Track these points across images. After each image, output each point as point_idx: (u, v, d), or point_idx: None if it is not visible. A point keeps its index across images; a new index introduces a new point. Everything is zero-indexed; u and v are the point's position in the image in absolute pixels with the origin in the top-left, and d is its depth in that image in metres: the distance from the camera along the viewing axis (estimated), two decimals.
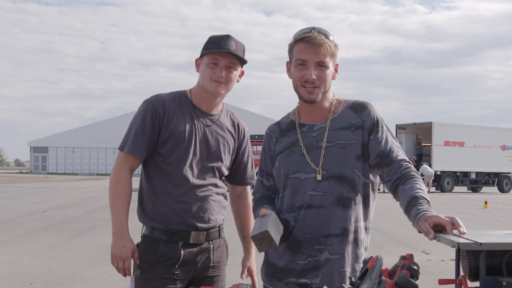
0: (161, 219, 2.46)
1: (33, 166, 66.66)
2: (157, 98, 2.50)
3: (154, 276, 2.43)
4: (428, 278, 6.52)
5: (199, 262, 2.50)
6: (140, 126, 2.46)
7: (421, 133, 29.99)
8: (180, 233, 2.46)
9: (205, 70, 2.45)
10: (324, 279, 2.16)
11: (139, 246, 2.51)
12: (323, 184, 2.17)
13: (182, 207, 2.45)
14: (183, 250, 2.46)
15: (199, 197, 2.48)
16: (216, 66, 2.44)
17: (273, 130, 2.35)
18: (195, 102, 2.53)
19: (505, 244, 1.64)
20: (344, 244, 2.16)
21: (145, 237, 2.51)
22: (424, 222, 1.81)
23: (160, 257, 2.44)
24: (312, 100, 2.18)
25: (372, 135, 2.20)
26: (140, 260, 2.47)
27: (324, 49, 2.12)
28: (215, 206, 2.54)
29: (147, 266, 2.45)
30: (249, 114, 66.28)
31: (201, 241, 2.50)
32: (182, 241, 2.46)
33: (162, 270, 2.44)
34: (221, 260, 2.63)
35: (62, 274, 7.02)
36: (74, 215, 14.14)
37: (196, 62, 2.54)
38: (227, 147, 2.59)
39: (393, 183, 2.11)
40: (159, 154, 2.48)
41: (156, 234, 2.47)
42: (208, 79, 2.45)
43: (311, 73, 2.13)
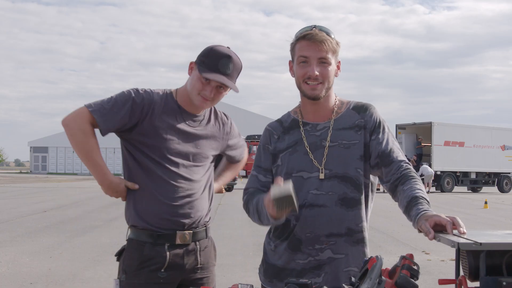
0: (146, 220, 2.42)
1: (33, 166, 66.66)
2: (147, 92, 2.48)
3: (140, 282, 2.40)
4: (428, 278, 6.52)
5: (186, 264, 2.46)
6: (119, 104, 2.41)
7: (421, 133, 29.98)
8: (165, 235, 2.42)
9: (196, 84, 2.44)
10: (327, 278, 2.16)
11: (125, 250, 2.48)
12: (326, 183, 2.17)
13: (167, 207, 2.42)
14: (169, 252, 2.41)
15: (183, 197, 2.45)
16: (207, 84, 2.43)
17: (274, 127, 2.34)
18: (180, 102, 2.51)
19: (505, 244, 1.64)
20: (349, 243, 2.17)
21: (131, 241, 2.47)
22: (424, 222, 1.82)
23: (146, 261, 2.40)
24: (315, 96, 2.18)
25: (374, 135, 2.20)
26: (125, 264, 2.44)
27: (326, 46, 2.14)
28: (201, 204, 2.51)
29: (132, 270, 2.41)
30: (249, 114, 66.29)
31: (187, 241, 2.46)
32: (168, 242, 2.42)
33: (148, 275, 2.39)
34: (209, 261, 2.58)
35: (62, 274, 7.02)
36: (74, 215, 14.14)
37: (190, 65, 2.51)
38: (213, 146, 2.58)
39: (392, 183, 2.12)
40: (142, 153, 2.45)
41: (142, 237, 2.43)
42: (196, 92, 2.44)
43: (313, 69, 2.14)
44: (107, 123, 2.40)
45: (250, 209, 2.25)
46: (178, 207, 2.43)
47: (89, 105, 2.41)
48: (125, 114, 2.41)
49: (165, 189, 2.43)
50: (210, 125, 2.60)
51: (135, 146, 2.47)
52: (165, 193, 2.42)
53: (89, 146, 2.40)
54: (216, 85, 2.43)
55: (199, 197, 2.51)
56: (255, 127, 55.31)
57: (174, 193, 2.43)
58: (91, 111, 2.38)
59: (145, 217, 2.43)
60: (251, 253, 8.34)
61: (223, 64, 2.41)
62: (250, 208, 2.24)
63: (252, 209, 2.22)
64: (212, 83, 2.42)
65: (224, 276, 6.63)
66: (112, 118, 2.40)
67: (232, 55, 2.44)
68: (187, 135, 2.50)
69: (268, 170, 2.29)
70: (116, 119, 2.40)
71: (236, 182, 28.08)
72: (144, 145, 2.45)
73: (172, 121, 2.48)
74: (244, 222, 12.80)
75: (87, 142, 2.40)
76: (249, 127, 56.96)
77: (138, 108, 2.43)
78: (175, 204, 2.43)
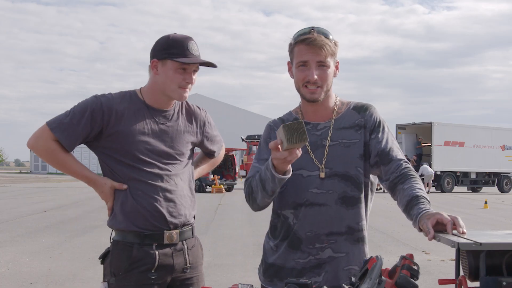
0: (131, 221, 2.39)
1: (33, 166, 66.69)
2: (105, 97, 2.43)
3: (131, 283, 2.36)
4: (428, 278, 6.52)
5: (175, 264, 2.44)
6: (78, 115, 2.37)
7: (421, 133, 29.99)
8: (152, 235, 2.39)
9: (174, 76, 2.38)
10: (327, 277, 2.16)
11: (110, 252, 2.44)
12: (326, 182, 2.18)
13: (151, 207, 2.39)
14: (158, 252, 2.39)
15: (166, 195, 2.42)
16: (185, 72, 2.39)
17: (276, 124, 2.34)
18: (147, 101, 2.46)
19: (505, 244, 1.63)
20: (350, 242, 2.17)
21: (117, 242, 2.43)
22: (426, 221, 1.82)
23: (135, 263, 2.37)
24: (314, 99, 2.19)
25: (373, 134, 2.22)
26: (113, 266, 2.40)
27: (325, 50, 2.14)
28: (184, 202, 2.48)
29: (121, 272, 2.37)
30: (249, 114, 66.35)
31: (175, 241, 2.43)
32: (156, 242, 2.40)
33: (138, 276, 2.37)
34: (197, 260, 2.56)
35: (62, 274, 7.03)
36: (74, 215, 14.15)
37: (153, 63, 2.43)
38: (187, 139, 2.54)
39: (392, 182, 2.12)
40: (115, 160, 2.41)
41: (128, 238, 2.39)
42: (176, 85, 2.39)
43: (313, 74, 2.14)
44: (70, 138, 2.37)
45: (253, 186, 2.17)
46: (160, 207, 2.40)
47: (49, 123, 2.39)
48: (86, 123, 2.37)
49: (145, 191, 2.39)
50: (182, 118, 2.54)
51: (106, 154, 2.43)
52: (145, 194, 2.39)
53: (59, 161, 2.42)
54: (193, 70, 2.42)
55: (181, 194, 2.47)
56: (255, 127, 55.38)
57: (154, 193, 2.40)
58: (51, 129, 2.37)
59: (130, 219, 2.39)
60: (251, 253, 8.34)
61: (191, 46, 2.40)
62: (253, 185, 2.17)
63: (255, 183, 2.15)
64: (188, 69, 2.39)
65: (224, 276, 6.61)
66: (73, 131, 2.37)
67: (191, 37, 2.43)
68: (158, 133, 2.45)
69: None
70: (77, 131, 2.37)
71: (236, 182, 28.08)
72: (114, 151, 2.40)
73: (140, 121, 2.42)
74: (244, 222, 12.81)
75: (55, 158, 2.42)
76: (249, 127, 57.02)
77: (98, 114, 2.37)
78: (157, 204, 2.39)
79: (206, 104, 37.72)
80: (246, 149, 38.47)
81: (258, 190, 2.14)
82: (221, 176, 27.38)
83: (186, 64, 2.38)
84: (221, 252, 8.49)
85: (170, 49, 2.38)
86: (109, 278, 2.40)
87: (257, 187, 2.14)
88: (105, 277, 2.43)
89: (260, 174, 2.12)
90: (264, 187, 2.09)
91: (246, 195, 2.23)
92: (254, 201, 2.19)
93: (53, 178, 46.94)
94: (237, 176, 29.37)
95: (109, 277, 2.40)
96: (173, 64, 2.38)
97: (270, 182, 2.06)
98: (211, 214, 14.81)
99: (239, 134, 42.83)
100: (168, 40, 2.41)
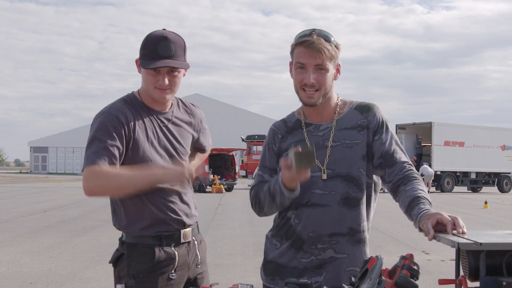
0: (148, 222, 2.36)
1: (33, 166, 66.68)
2: (114, 107, 2.35)
3: (153, 285, 2.35)
4: (428, 278, 6.53)
5: (190, 261, 2.47)
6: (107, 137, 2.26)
7: (421, 133, 30.01)
8: (171, 235, 2.40)
9: (147, 78, 2.33)
10: (329, 277, 2.17)
11: (125, 255, 2.38)
12: (328, 183, 2.18)
13: (168, 208, 2.38)
14: (176, 251, 2.40)
15: (178, 194, 2.42)
16: (157, 74, 2.31)
17: (279, 127, 2.35)
18: (146, 103, 2.42)
19: (505, 244, 1.64)
20: (351, 243, 2.17)
21: (134, 245, 2.38)
22: (426, 221, 1.82)
23: (157, 264, 2.36)
24: (311, 103, 2.19)
25: (377, 135, 2.21)
26: (132, 269, 2.36)
27: (323, 54, 2.12)
28: (192, 200, 2.51)
29: (143, 274, 2.36)
30: (249, 114, 66.33)
31: (188, 238, 2.46)
32: (174, 242, 2.40)
33: (160, 278, 2.36)
34: (205, 255, 2.60)
35: (62, 274, 7.03)
36: (74, 215, 14.15)
37: (136, 63, 2.39)
38: (188, 138, 2.53)
39: (394, 184, 2.12)
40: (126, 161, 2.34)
41: (148, 241, 2.37)
42: (151, 86, 2.35)
43: (309, 77, 2.14)
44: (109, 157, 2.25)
45: (261, 197, 2.23)
46: (178, 208, 2.42)
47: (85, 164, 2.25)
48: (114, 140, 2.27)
49: (163, 196, 2.38)
50: (182, 119, 2.52)
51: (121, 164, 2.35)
52: (163, 199, 2.38)
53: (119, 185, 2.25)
54: (166, 71, 2.32)
55: (191, 195, 2.52)
56: (255, 127, 55.39)
57: (171, 197, 2.40)
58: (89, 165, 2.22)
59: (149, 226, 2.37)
60: (251, 253, 8.35)
61: (163, 47, 2.30)
62: (261, 196, 2.23)
63: (263, 195, 2.21)
64: (161, 71, 2.32)
65: (224, 276, 6.61)
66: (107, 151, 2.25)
67: (168, 35, 2.33)
68: (166, 136, 2.43)
69: (273, 169, 2.31)
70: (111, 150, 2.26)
71: (236, 182, 28.09)
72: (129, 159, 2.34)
73: (149, 126, 2.39)
74: (244, 222, 12.81)
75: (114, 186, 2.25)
76: (249, 127, 57.01)
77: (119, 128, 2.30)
78: (176, 206, 2.41)
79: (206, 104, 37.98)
80: (246, 149, 38.51)
81: (265, 201, 2.22)
82: (221, 176, 27.39)
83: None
84: (221, 252, 8.48)
85: (144, 49, 2.33)
86: (127, 280, 2.36)
87: (265, 198, 2.21)
88: (121, 280, 2.38)
89: (270, 187, 2.18)
90: (273, 199, 2.18)
91: (253, 204, 2.30)
92: (261, 209, 2.27)
93: (53, 178, 46.95)
94: (237, 176, 29.37)
95: (127, 280, 2.36)
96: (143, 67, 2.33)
97: (279, 196, 2.14)
98: (211, 214, 14.81)
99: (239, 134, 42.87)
100: (145, 40, 2.35)
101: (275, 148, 2.31)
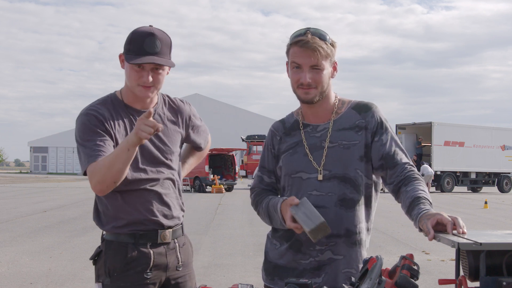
0: (124, 222, 2.36)
1: (33, 166, 66.69)
2: (91, 108, 2.35)
3: (126, 284, 2.35)
4: (428, 278, 6.53)
5: (169, 262, 2.43)
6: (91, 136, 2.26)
7: (421, 133, 30.00)
8: (147, 234, 2.38)
9: (130, 74, 2.30)
10: (327, 279, 2.16)
11: (103, 252, 2.39)
12: (325, 184, 2.17)
13: (145, 208, 2.36)
14: (152, 251, 2.38)
15: (158, 195, 2.39)
16: (141, 70, 2.28)
17: (277, 128, 2.35)
18: (127, 102, 2.39)
19: (505, 244, 1.64)
20: (348, 245, 2.17)
21: (111, 242, 2.38)
22: (426, 221, 1.82)
23: (131, 263, 2.34)
24: (309, 100, 2.18)
25: (376, 136, 2.20)
26: (107, 267, 2.36)
27: (318, 53, 2.11)
28: (175, 202, 2.47)
29: (116, 273, 2.34)
30: (249, 114, 66.31)
31: (168, 239, 2.42)
32: (150, 242, 2.38)
33: (134, 277, 2.35)
34: (188, 258, 2.55)
35: (62, 274, 7.03)
36: (74, 215, 14.15)
37: (120, 58, 2.36)
38: (174, 137, 2.48)
39: (396, 185, 2.12)
40: None
41: (122, 238, 2.36)
42: (135, 83, 2.30)
43: (305, 77, 2.13)
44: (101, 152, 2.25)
45: (260, 211, 2.32)
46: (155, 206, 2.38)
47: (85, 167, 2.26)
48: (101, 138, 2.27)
49: (139, 196, 2.36)
50: (166, 117, 2.48)
51: None
52: (140, 199, 2.36)
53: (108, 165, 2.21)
54: (151, 68, 2.29)
55: (173, 196, 2.46)
56: (255, 127, 55.37)
57: (149, 197, 2.37)
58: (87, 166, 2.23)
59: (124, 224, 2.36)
60: (251, 253, 8.34)
61: (148, 43, 2.28)
62: (260, 210, 2.31)
63: (263, 212, 2.29)
64: (146, 67, 2.28)
65: (224, 276, 6.61)
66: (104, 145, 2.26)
67: (155, 32, 2.31)
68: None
69: (272, 171, 2.32)
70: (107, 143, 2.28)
71: (236, 182, 28.08)
72: None
73: (125, 122, 2.37)
74: (244, 222, 12.81)
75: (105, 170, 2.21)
76: (249, 127, 56.98)
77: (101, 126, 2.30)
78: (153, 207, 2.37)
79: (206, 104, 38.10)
80: (246, 149, 38.50)
81: (263, 216, 2.31)
82: (221, 176, 27.38)
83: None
84: (221, 252, 8.47)
85: (129, 44, 2.30)
86: (103, 278, 2.38)
87: (264, 217, 2.30)
88: (99, 278, 2.40)
89: (269, 210, 2.24)
90: (271, 222, 2.26)
91: (253, 208, 2.39)
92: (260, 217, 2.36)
93: (53, 178, 46.95)
94: (237, 176, 29.37)
95: (104, 278, 2.38)
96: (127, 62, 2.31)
97: (278, 225, 2.22)
98: (211, 214, 14.81)
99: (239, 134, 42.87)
100: (131, 35, 2.32)
101: (273, 150, 2.32)
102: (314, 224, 1.99)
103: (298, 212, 2.04)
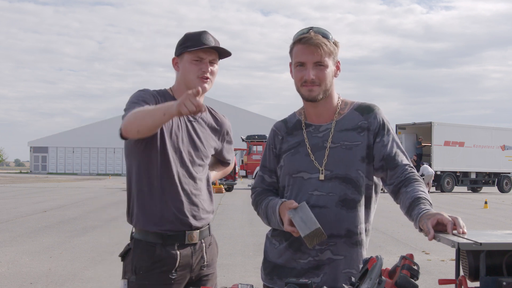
0: (154, 221, 2.40)
1: (33, 166, 66.67)
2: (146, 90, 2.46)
3: (151, 283, 2.38)
4: (428, 278, 6.53)
5: (194, 263, 2.47)
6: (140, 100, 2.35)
7: (421, 133, 30.00)
8: (175, 235, 2.42)
9: (190, 67, 2.43)
10: (326, 279, 2.17)
11: (131, 250, 2.45)
12: (326, 184, 2.17)
13: (175, 206, 2.41)
14: (179, 252, 2.41)
15: (190, 195, 2.44)
16: (200, 62, 2.42)
17: (279, 128, 2.35)
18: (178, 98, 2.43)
19: (505, 244, 1.64)
20: (348, 245, 2.17)
21: (139, 242, 2.43)
22: (426, 221, 1.82)
23: (157, 262, 2.39)
24: (313, 98, 2.18)
25: (378, 137, 2.20)
26: (134, 264, 2.41)
27: (321, 50, 2.13)
28: (205, 204, 2.52)
29: (143, 271, 2.39)
30: (249, 114, 66.27)
31: (195, 240, 2.46)
32: (178, 242, 2.42)
33: (159, 276, 2.39)
34: (213, 258, 2.60)
35: (62, 274, 7.02)
36: (74, 215, 14.14)
37: (174, 61, 2.51)
38: (211, 143, 2.57)
39: (396, 186, 2.12)
40: (145, 153, 2.40)
41: (151, 238, 2.41)
42: (194, 76, 2.43)
43: (309, 74, 2.14)
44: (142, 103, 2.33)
45: (259, 211, 2.33)
46: (185, 207, 2.43)
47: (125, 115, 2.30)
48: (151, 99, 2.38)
49: (173, 191, 2.41)
50: (208, 124, 2.59)
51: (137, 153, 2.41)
52: (172, 195, 2.41)
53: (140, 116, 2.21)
54: (209, 60, 2.44)
55: (203, 196, 2.52)
56: (255, 127, 55.30)
57: (181, 195, 2.42)
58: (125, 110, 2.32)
59: (154, 222, 2.40)
60: (251, 253, 8.35)
61: (204, 37, 2.44)
62: (260, 211, 2.32)
63: (262, 212, 2.30)
64: (204, 60, 2.43)
65: (224, 276, 6.63)
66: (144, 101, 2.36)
67: (207, 31, 2.47)
68: (190, 133, 2.48)
69: (273, 171, 2.33)
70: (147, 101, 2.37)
71: (236, 182, 28.08)
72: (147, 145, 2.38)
73: (177, 120, 2.45)
74: (244, 222, 12.81)
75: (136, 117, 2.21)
76: (249, 127, 56.92)
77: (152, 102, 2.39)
78: (183, 206, 2.42)
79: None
80: (246, 149, 38.47)
81: (264, 220, 2.32)
82: None
83: (199, 55, 2.41)
84: (221, 252, 8.37)
85: (185, 43, 2.44)
86: (129, 275, 2.42)
87: (263, 217, 2.31)
88: (125, 275, 2.45)
89: (267, 211, 2.25)
90: (270, 223, 2.27)
91: (253, 207, 2.40)
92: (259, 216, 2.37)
93: (53, 178, 46.95)
94: (237, 176, 29.37)
95: (130, 275, 2.42)
96: (189, 56, 2.42)
97: (276, 226, 2.23)
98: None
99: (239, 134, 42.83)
100: (184, 36, 2.48)
101: (275, 150, 2.32)
102: (309, 230, 2.00)
103: (295, 216, 2.05)
